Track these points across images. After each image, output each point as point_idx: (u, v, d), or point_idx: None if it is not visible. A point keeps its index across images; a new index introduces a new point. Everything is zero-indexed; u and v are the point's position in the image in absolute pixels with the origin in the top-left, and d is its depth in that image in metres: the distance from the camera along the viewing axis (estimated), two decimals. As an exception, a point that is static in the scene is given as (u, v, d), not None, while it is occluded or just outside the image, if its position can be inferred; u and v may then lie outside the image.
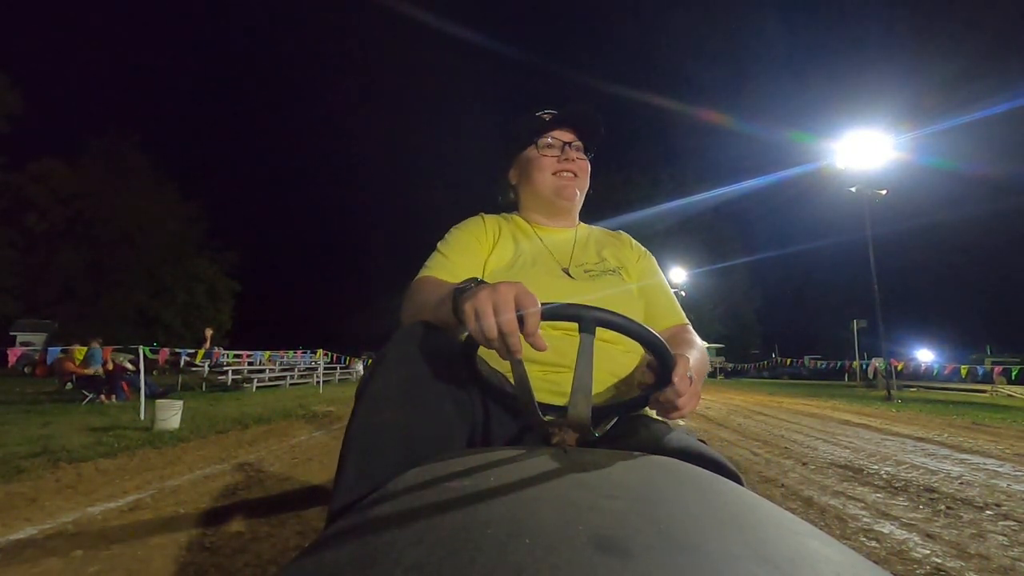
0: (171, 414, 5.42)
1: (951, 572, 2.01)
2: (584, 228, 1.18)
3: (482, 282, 0.64)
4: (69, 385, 7.91)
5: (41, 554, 2.10)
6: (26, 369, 15.08)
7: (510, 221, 1.13)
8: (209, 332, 11.50)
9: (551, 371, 0.87)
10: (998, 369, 12.59)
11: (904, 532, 2.47)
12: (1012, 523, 2.62)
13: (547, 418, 0.61)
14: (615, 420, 0.75)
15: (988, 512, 2.81)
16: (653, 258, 1.16)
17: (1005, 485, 3.42)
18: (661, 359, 0.65)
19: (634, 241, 1.18)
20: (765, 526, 0.37)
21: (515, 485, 0.42)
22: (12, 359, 6.47)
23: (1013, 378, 12.24)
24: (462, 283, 0.68)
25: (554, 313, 0.60)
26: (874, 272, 15.28)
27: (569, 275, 1.01)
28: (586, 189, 1.12)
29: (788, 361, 23.37)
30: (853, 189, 16.18)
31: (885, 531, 2.48)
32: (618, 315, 0.61)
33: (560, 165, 1.06)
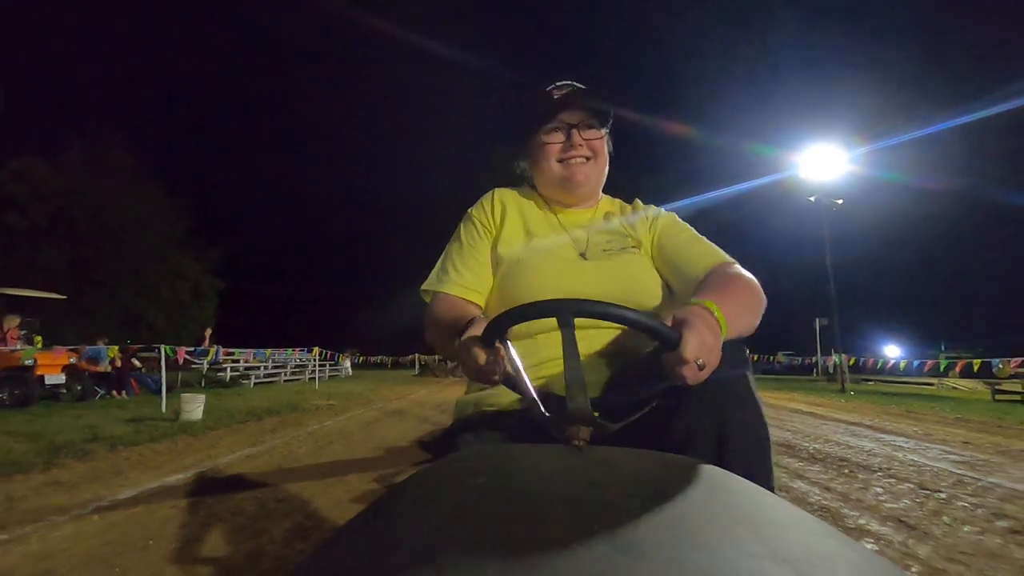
0: (195, 407, 6.00)
1: (830, 508, 2.78)
2: (606, 203, 1.15)
3: (475, 321, 0.76)
4: (64, 391, 8.28)
5: (147, 508, 2.74)
6: None
7: (528, 198, 1.11)
8: (208, 331, 11.98)
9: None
10: (960, 365, 13.48)
11: (808, 486, 3.26)
12: (893, 480, 3.43)
13: (547, 414, 0.61)
14: (634, 412, 0.69)
15: (879, 474, 3.63)
16: (669, 214, 1.11)
17: (902, 456, 4.27)
18: (656, 336, 0.63)
19: (649, 207, 1.14)
20: (781, 525, 0.36)
21: (530, 483, 0.42)
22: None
23: (965, 372, 13.32)
24: (464, 325, 0.78)
25: (532, 313, 0.62)
26: (831, 274, 16.57)
27: (585, 258, 1.00)
28: (604, 165, 1.08)
29: (762, 357, 24.46)
30: (812, 199, 17.36)
31: (795, 486, 3.26)
32: (596, 303, 0.61)
33: (565, 153, 1.03)
